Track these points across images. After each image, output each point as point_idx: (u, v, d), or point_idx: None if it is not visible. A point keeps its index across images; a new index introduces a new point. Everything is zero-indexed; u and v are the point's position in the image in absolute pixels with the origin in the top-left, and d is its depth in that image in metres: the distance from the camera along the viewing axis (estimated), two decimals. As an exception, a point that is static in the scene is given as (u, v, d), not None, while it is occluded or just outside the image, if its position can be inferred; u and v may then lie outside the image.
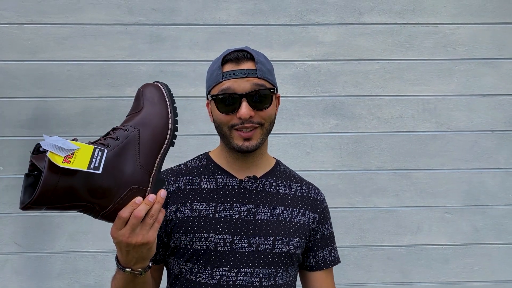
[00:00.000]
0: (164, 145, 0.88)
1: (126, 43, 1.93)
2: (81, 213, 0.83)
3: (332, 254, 1.20)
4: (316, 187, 1.22)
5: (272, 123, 1.10)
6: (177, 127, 0.90)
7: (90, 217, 0.83)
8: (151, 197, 0.84)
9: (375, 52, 1.97)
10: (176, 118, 0.90)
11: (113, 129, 0.88)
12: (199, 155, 1.20)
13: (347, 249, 1.92)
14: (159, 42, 1.93)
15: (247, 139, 1.05)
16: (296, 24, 1.96)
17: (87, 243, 1.87)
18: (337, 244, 1.24)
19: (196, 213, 1.08)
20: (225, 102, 1.04)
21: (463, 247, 1.96)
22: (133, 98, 0.92)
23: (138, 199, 0.83)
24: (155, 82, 0.94)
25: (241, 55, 1.06)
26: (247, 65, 1.05)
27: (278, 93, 1.13)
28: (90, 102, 1.91)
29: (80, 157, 0.77)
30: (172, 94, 0.92)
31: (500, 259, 1.96)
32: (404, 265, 1.95)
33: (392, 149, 1.96)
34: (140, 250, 0.85)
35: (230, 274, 1.04)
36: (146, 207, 0.83)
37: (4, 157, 1.90)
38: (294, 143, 1.94)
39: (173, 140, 0.89)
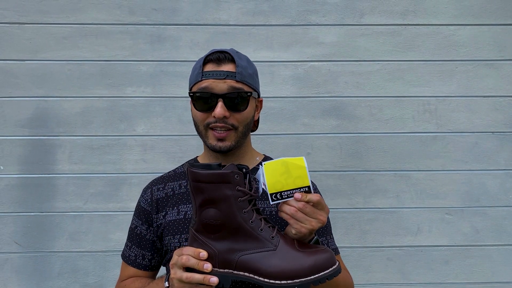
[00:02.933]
0: None
1: (126, 43, 1.93)
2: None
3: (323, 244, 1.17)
4: None
5: (247, 126, 1.10)
6: None
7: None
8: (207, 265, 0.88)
9: (376, 53, 1.97)
10: None
11: None
12: (189, 160, 1.23)
13: (347, 250, 1.92)
14: (160, 42, 1.93)
15: (221, 140, 1.07)
16: (297, 24, 1.96)
17: (87, 242, 1.87)
18: (337, 244, 1.23)
19: (182, 215, 1.09)
20: (202, 100, 1.07)
21: (463, 248, 1.96)
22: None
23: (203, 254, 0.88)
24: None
25: (223, 56, 1.08)
26: (227, 67, 1.07)
27: (260, 97, 1.15)
28: (90, 101, 1.92)
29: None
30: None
31: (500, 260, 1.95)
32: (404, 266, 1.95)
33: (392, 150, 1.96)
34: None
35: None
36: (195, 262, 0.88)
37: (4, 157, 1.90)
38: (295, 144, 1.94)
39: None
